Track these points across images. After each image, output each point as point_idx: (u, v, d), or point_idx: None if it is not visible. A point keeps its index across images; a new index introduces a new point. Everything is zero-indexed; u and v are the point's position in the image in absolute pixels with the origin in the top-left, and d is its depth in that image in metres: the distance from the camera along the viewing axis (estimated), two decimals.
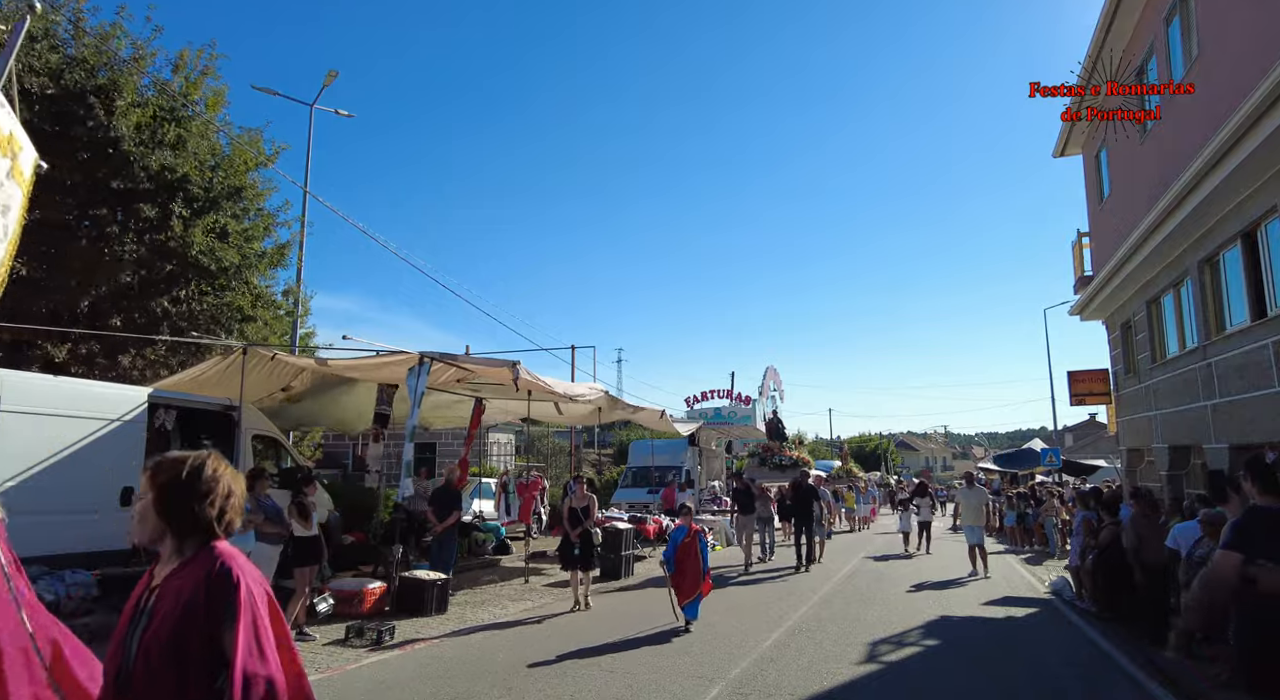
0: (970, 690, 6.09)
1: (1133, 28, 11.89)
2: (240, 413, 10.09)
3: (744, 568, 13.48)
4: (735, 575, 12.74)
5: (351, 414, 14.05)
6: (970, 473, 20.38)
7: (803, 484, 14.64)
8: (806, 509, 13.86)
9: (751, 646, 7.34)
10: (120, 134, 10.85)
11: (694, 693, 5.79)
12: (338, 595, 8.79)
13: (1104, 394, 17.32)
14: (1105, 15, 11.92)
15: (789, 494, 15.13)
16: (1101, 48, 12.15)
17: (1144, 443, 13.64)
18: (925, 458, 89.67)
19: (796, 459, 23.42)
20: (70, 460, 8.13)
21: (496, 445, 28.75)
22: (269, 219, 13.83)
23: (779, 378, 30.68)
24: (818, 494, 14.62)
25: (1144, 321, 13.00)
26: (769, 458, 23.53)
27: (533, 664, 6.62)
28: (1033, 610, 9.87)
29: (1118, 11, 11.66)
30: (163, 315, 11.79)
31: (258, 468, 8.32)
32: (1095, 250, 15.25)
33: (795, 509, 14.02)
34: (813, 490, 14.50)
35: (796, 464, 22.46)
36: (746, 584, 12.04)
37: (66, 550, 8.04)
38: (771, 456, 23.61)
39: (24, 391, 7.93)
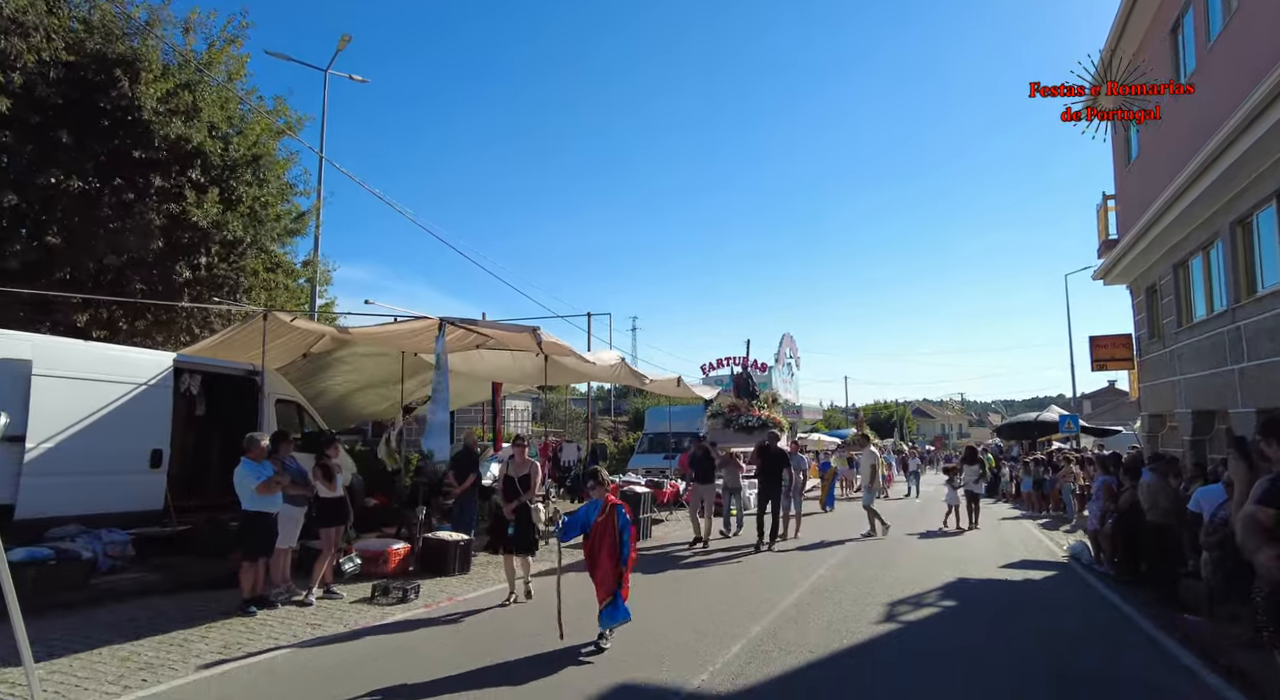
0: (989, 649, 6.14)
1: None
2: (263, 378, 10.22)
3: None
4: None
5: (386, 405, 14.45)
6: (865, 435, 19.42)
7: (770, 448, 12.53)
8: (774, 478, 12.11)
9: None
10: (142, 104, 10.86)
11: (715, 649, 5.89)
12: (363, 555, 9.00)
13: (1126, 359, 17.14)
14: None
15: (754, 459, 13.21)
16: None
17: (1167, 408, 13.51)
18: (941, 425, 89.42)
19: (766, 419, 20.21)
20: (102, 423, 8.31)
21: (514, 412, 29.02)
22: (288, 189, 13.86)
23: (795, 345, 30.58)
24: (788, 460, 12.68)
25: (1170, 285, 12.76)
26: (735, 418, 20.46)
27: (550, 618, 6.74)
28: (1051, 573, 9.91)
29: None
30: (183, 282, 11.88)
31: (282, 431, 8.44)
32: (1121, 213, 14.94)
33: (760, 477, 12.31)
34: (782, 455, 12.51)
35: (765, 425, 19.29)
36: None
37: (103, 510, 8.26)
38: (738, 417, 20.54)
39: (55, 356, 8.08)
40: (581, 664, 5.46)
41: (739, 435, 19.21)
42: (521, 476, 7.87)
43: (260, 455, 7.18)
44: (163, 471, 9.04)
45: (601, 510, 6.13)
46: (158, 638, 6.10)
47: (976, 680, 5.27)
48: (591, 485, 6.36)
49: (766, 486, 12.03)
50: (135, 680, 5.04)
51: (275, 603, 7.24)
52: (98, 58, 10.98)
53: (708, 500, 12.18)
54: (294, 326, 10.30)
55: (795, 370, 30.77)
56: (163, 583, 7.97)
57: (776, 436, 13.27)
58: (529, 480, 7.84)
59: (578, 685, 4.97)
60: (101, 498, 8.32)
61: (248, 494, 7.02)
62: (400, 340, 10.98)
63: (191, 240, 11.80)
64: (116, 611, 6.95)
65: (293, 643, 6.05)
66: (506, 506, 7.78)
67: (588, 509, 6.24)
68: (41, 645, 4.81)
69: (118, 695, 4.75)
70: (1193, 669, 5.62)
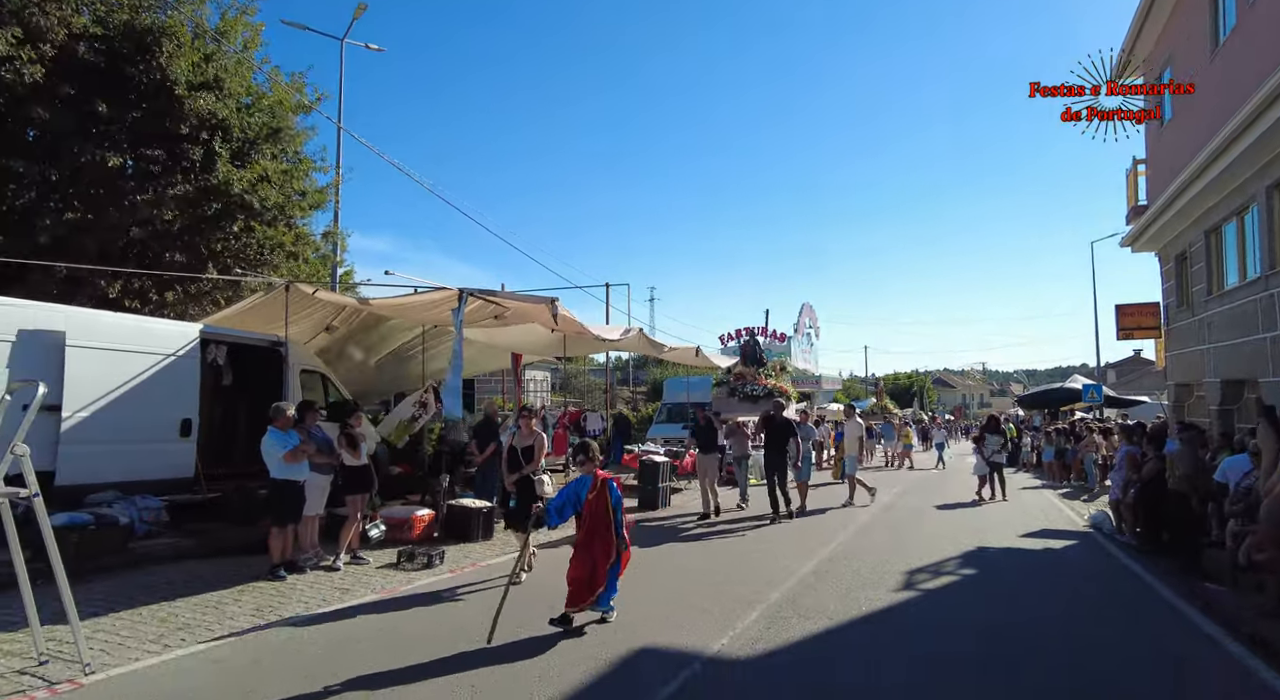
0: (1008, 617, 6.17)
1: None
2: (287, 348, 10.36)
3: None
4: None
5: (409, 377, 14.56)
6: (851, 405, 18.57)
7: (776, 418, 11.90)
8: (779, 449, 11.57)
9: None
10: (176, 78, 10.93)
11: (735, 614, 5.97)
12: (388, 522, 9.19)
13: (1153, 328, 16.83)
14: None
15: (759, 429, 12.68)
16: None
17: (1194, 377, 13.30)
18: (962, 395, 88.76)
19: (772, 388, 18.87)
20: (133, 393, 8.50)
21: (533, 382, 29.23)
22: (308, 164, 13.93)
23: (814, 315, 30.37)
24: (794, 429, 12.00)
25: (1201, 252, 12.47)
26: (740, 387, 19.19)
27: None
28: (1071, 542, 9.89)
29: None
30: (209, 254, 12.03)
31: (307, 401, 8.59)
32: (1151, 178, 14.55)
33: (766, 448, 11.86)
34: (788, 425, 11.92)
35: (771, 394, 18.04)
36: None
37: (137, 478, 8.49)
38: (743, 385, 19.22)
39: (87, 327, 8.25)
40: (603, 628, 5.57)
41: (744, 404, 18.31)
42: (525, 448, 7.59)
43: (287, 424, 7.31)
44: (192, 440, 9.25)
45: (592, 487, 5.72)
46: (193, 599, 6.31)
47: (994, 647, 5.31)
48: (581, 460, 5.91)
49: (772, 457, 11.66)
50: (175, 640, 5.23)
51: (304, 568, 7.44)
52: (126, 29, 11.04)
53: (711, 471, 11.81)
54: (315, 298, 10.39)
55: (815, 340, 30.60)
56: (196, 547, 8.21)
57: (782, 405, 12.64)
58: (533, 452, 7.55)
59: (599, 649, 5.08)
60: (135, 465, 8.55)
61: (275, 463, 7.18)
62: (420, 311, 11.05)
63: (218, 212, 11.92)
64: (154, 574, 7.19)
65: (322, 606, 6.23)
66: (508, 478, 7.58)
67: (576, 485, 5.78)
68: (85, 606, 5.01)
69: (159, 654, 4.93)
70: (1214, 637, 5.61)
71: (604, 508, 5.70)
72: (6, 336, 7.49)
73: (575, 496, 5.72)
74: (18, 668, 4.62)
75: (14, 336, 7.54)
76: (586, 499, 5.69)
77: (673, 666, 4.73)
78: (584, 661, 4.81)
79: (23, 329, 7.62)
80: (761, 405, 16.20)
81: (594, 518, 5.69)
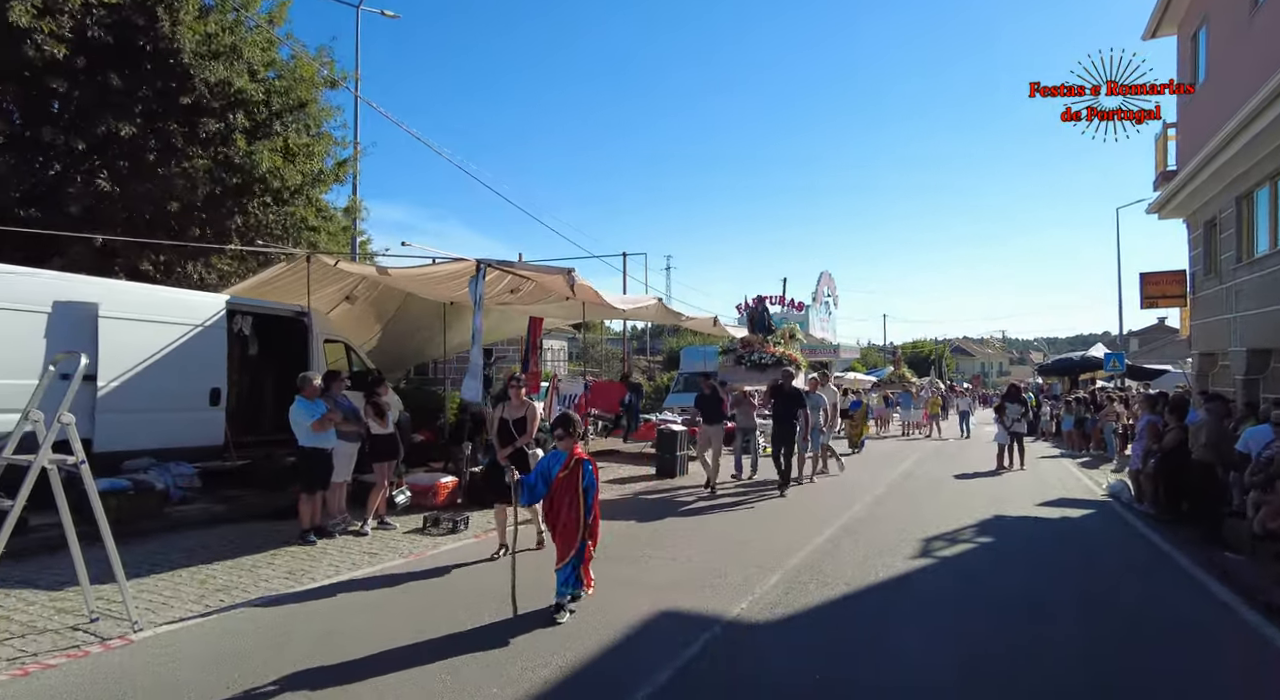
0: (1026, 584, 6.25)
1: None
2: (311, 318, 10.51)
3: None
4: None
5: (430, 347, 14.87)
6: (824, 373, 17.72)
7: (785, 387, 11.43)
8: (787, 420, 11.11)
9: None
10: (181, 46, 10.91)
11: (755, 580, 6.10)
12: (414, 489, 9.41)
13: (1178, 296, 16.60)
14: None
15: (766, 400, 12.15)
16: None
17: (1220, 346, 13.13)
18: (981, 363, 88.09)
19: (781, 356, 17.93)
20: (164, 362, 8.71)
21: (550, 352, 29.41)
22: (329, 140, 13.98)
23: (833, 283, 30.11)
24: (804, 399, 11.52)
25: (1232, 218, 12.21)
26: (747, 355, 18.24)
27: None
28: (1089, 512, 9.92)
29: None
30: (232, 227, 12.17)
31: (334, 370, 8.75)
32: (1182, 142, 14.18)
33: (774, 419, 11.35)
34: (797, 395, 11.45)
35: (780, 362, 17.28)
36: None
37: (170, 445, 8.74)
38: (750, 353, 18.20)
39: (119, 298, 8.45)
40: (624, 591, 5.72)
41: (751, 373, 17.50)
42: (517, 419, 7.14)
43: (314, 394, 7.47)
44: (221, 408, 9.48)
45: (564, 465, 5.22)
46: (229, 562, 6.54)
47: (1009, 614, 5.40)
48: (560, 433, 5.34)
49: (780, 429, 11.14)
50: (214, 600, 5.45)
51: (333, 533, 7.66)
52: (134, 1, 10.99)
53: (715, 442, 11.29)
54: (337, 269, 10.51)
55: (833, 309, 30.38)
56: (229, 512, 8.47)
57: (791, 374, 11.99)
58: (525, 423, 7.12)
59: (620, 612, 5.22)
60: (168, 433, 8.80)
61: (303, 431, 7.35)
62: (438, 284, 11.13)
63: (238, 186, 12.01)
64: (189, 538, 7.45)
65: (352, 570, 6.43)
66: (501, 452, 7.10)
67: (549, 461, 5.31)
68: (128, 567, 5.19)
69: (201, 613, 5.15)
70: (1231, 605, 5.66)
71: (574, 487, 5.19)
72: (42, 308, 7.69)
73: (546, 472, 5.25)
74: (71, 624, 4.86)
75: (50, 308, 7.73)
76: (557, 476, 5.20)
77: (693, 629, 4.87)
78: (606, 626, 4.95)
79: (58, 300, 7.81)
80: (769, 374, 15.62)
81: (560, 495, 5.20)
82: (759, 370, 17.34)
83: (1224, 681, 4.29)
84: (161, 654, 4.39)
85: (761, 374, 16.93)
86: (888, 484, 12.16)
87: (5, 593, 5.50)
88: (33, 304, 7.63)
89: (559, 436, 5.35)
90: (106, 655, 4.36)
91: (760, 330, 19.05)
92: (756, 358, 17.93)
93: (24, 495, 4.29)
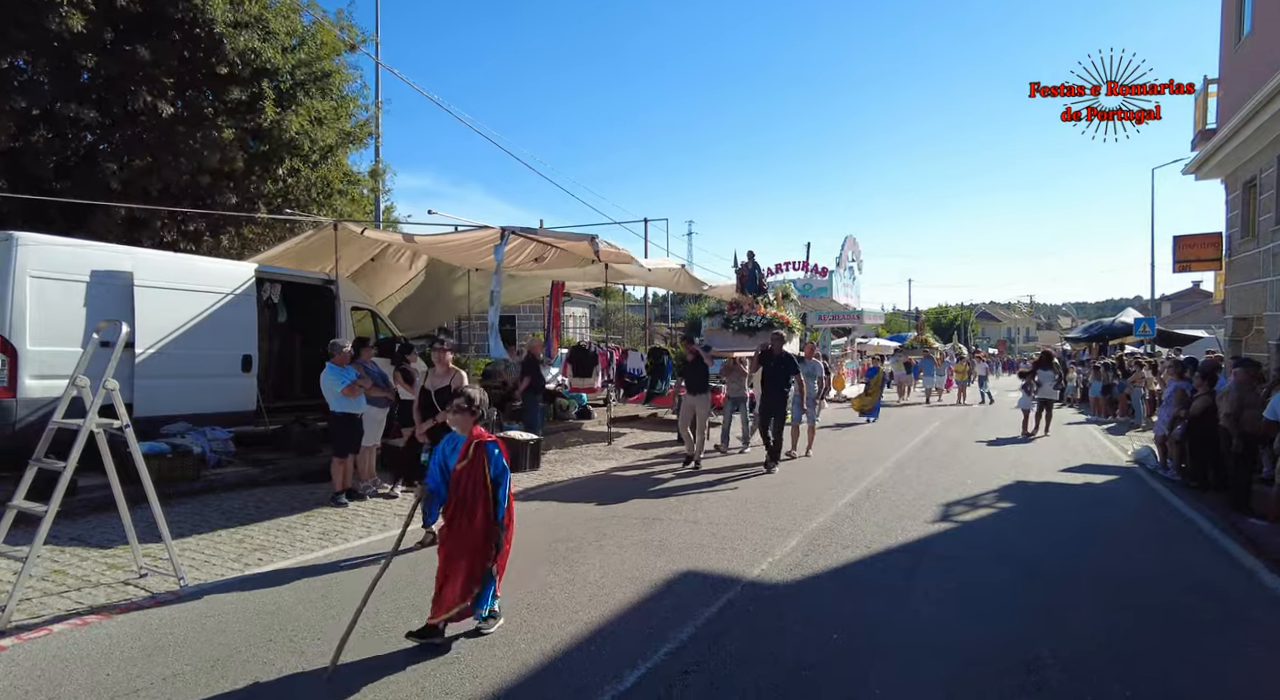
0: (1045, 547, 6.29)
1: None
2: (338, 286, 10.68)
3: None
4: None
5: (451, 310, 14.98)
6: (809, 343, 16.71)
7: (775, 351, 10.20)
8: (777, 388, 10.05)
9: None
10: (212, 16, 10.94)
11: (774, 542, 6.22)
12: None
13: (1213, 260, 16.16)
14: None
15: (755, 365, 11.13)
16: None
17: (1255, 311, 12.83)
18: (1008, 329, 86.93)
19: (772, 318, 16.30)
20: (197, 330, 8.94)
21: (572, 319, 29.52)
22: (351, 102, 14.01)
23: (858, 247, 29.66)
24: (796, 366, 10.60)
25: (1273, 178, 11.80)
26: (735, 318, 16.55)
27: (617, 512, 7.19)
28: (1112, 477, 9.88)
29: None
30: (259, 195, 12.32)
31: (362, 337, 8.92)
32: (1223, 98, 13.66)
33: (763, 387, 10.34)
34: (787, 360, 10.36)
35: (771, 324, 15.87)
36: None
37: (205, 411, 9.01)
38: (739, 315, 16.53)
39: (153, 268, 8.64)
40: (645, 548, 5.86)
41: (739, 337, 16.19)
42: (440, 389, 6.23)
43: (344, 360, 7.63)
44: (253, 375, 9.72)
45: (462, 453, 4.07)
46: (266, 524, 6.80)
47: (1029, 578, 5.45)
48: (454, 410, 4.17)
49: (769, 398, 10.11)
50: (253, 559, 5.69)
51: (364, 495, 7.90)
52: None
53: (700, 413, 10.38)
54: (364, 237, 10.63)
55: (858, 274, 29.97)
56: (263, 476, 8.76)
57: (782, 338, 10.80)
58: (449, 394, 5.92)
59: (641, 570, 5.37)
60: (202, 399, 9.06)
61: (334, 397, 7.53)
62: (463, 251, 11.22)
63: (266, 153, 12.13)
64: (226, 499, 7.74)
65: (384, 530, 6.65)
66: (419, 426, 6.32)
67: (442, 451, 4.17)
68: (171, 527, 5.43)
69: (241, 571, 5.40)
70: (1253, 570, 5.67)
71: (478, 480, 4.05)
72: (80, 277, 7.89)
73: (444, 464, 4.13)
74: (122, 579, 5.13)
75: (88, 277, 7.94)
76: (455, 468, 4.07)
77: (713, 589, 4.99)
78: (625, 583, 5.10)
79: (95, 269, 8.01)
80: (759, 338, 14.22)
81: (463, 494, 4.04)
82: (748, 334, 16.11)
83: (1242, 642, 4.31)
84: (208, 608, 4.62)
85: (750, 338, 15.72)
86: (909, 449, 12.18)
87: (60, 549, 5.80)
88: (72, 273, 7.84)
89: (454, 410, 4.16)
90: (157, 610, 4.60)
91: (751, 290, 17.23)
92: (745, 320, 16.49)
93: (74, 458, 4.49)
